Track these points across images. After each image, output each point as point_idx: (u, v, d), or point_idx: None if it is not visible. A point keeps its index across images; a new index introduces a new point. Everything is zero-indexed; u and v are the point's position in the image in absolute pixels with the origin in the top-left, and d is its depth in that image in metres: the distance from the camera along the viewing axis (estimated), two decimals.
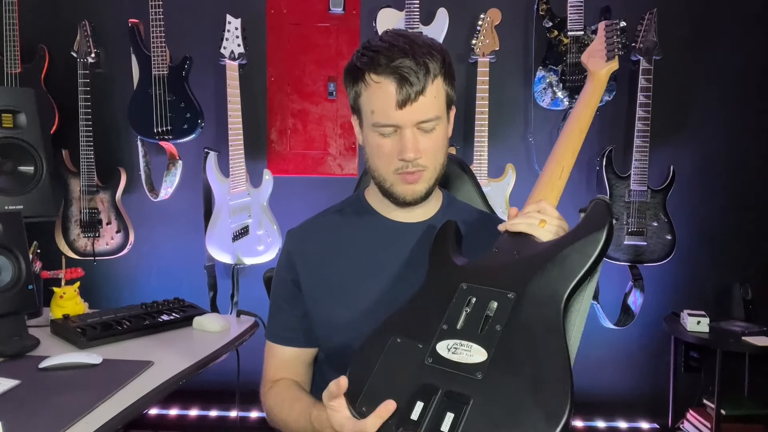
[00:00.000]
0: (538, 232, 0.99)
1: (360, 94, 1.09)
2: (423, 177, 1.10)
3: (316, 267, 1.16)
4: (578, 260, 0.91)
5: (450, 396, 0.83)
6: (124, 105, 2.61)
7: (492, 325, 0.88)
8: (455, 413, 0.81)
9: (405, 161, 1.06)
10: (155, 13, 2.50)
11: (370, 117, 1.07)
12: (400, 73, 1.02)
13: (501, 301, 0.91)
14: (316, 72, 2.73)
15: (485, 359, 0.85)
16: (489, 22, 2.51)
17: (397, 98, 1.03)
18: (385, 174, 1.10)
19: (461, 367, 0.86)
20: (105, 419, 1.08)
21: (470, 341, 0.88)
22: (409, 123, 1.05)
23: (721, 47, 2.64)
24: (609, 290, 2.63)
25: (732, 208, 2.69)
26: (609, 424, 2.71)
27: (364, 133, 1.12)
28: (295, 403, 1.09)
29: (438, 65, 1.06)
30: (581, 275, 0.90)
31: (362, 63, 1.07)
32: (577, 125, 1.15)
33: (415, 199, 1.12)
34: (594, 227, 0.94)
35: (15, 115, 1.72)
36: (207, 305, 2.62)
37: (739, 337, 2.34)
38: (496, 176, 2.57)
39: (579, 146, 1.13)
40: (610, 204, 1.07)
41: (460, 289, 0.95)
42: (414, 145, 1.05)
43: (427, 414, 0.82)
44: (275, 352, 1.20)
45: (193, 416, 2.78)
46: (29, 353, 1.44)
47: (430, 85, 1.05)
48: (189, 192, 2.69)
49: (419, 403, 0.84)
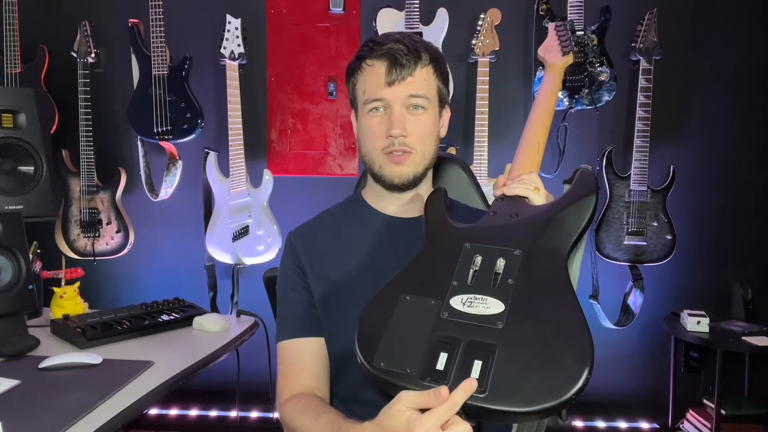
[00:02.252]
0: (533, 196, 1.07)
1: (356, 82, 1.15)
2: (410, 159, 1.13)
3: (319, 266, 1.16)
4: (575, 221, 1.00)
5: (474, 346, 0.84)
6: (124, 105, 2.61)
7: (504, 280, 0.92)
8: (483, 360, 0.82)
9: (392, 137, 1.10)
10: (155, 13, 2.50)
11: (362, 97, 1.13)
12: (391, 54, 1.09)
13: (508, 258, 0.94)
14: (316, 72, 2.73)
15: (503, 310, 0.88)
16: (489, 22, 2.51)
17: (387, 77, 1.09)
18: (374, 154, 1.14)
19: (480, 318, 0.88)
20: (105, 419, 1.08)
21: (485, 295, 0.90)
22: (398, 100, 1.10)
23: (721, 47, 2.64)
24: (609, 290, 2.63)
25: (732, 208, 2.69)
26: (609, 424, 2.71)
27: (358, 120, 1.17)
28: (322, 414, 1.02)
29: (429, 57, 1.12)
30: (579, 233, 0.98)
31: (360, 53, 1.14)
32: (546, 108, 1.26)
33: (402, 182, 1.14)
34: (585, 191, 1.03)
35: (15, 115, 1.72)
36: (207, 305, 2.61)
37: (739, 337, 2.34)
38: (496, 176, 2.57)
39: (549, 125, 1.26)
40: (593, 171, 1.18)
41: (465, 249, 0.98)
42: (401, 123, 1.10)
43: (453, 363, 0.83)
44: (292, 350, 1.15)
45: (193, 416, 2.78)
46: (29, 353, 1.44)
47: (420, 69, 1.11)
48: (189, 192, 2.69)
49: (443, 354, 0.84)
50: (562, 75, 1.38)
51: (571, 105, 2.51)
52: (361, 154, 1.17)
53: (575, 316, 0.85)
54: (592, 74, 2.48)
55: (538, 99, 1.30)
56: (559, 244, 0.96)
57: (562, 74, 1.37)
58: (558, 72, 1.36)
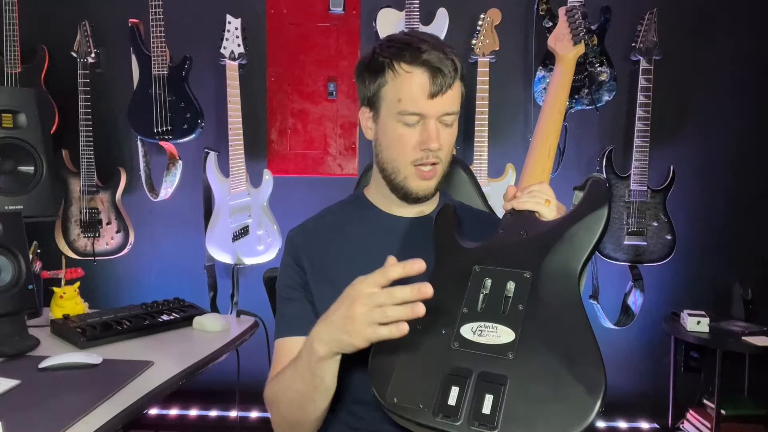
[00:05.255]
0: (544, 210, 1.03)
1: (384, 84, 1.09)
2: (437, 172, 1.12)
3: (319, 265, 1.16)
4: (586, 237, 0.95)
5: (485, 378, 0.83)
6: (124, 105, 2.61)
7: (514, 305, 0.90)
8: (494, 394, 0.81)
9: (429, 151, 1.08)
10: (155, 13, 2.50)
11: (396, 106, 1.08)
12: (434, 64, 1.06)
13: (518, 281, 0.92)
14: (316, 72, 2.73)
15: (514, 339, 0.86)
16: (489, 22, 2.51)
17: (430, 89, 1.06)
18: (402, 166, 1.11)
19: (490, 348, 0.86)
20: (105, 419, 1.08)
21: (495, 322, 0.88)
22: (435, 114, 1.08)
23: (720, 47, 2.64)
24: (609, 290, 2.63)
25: (732, 207, 2.68)
26: (609, 424, 2.71)
27: (381, 123, 1.12)
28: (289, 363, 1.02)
29: (461, 65, 1.10)
30: (590, 250, 0.94)
31: (389, 53, 1.08)
32: (556, 107, 1.20)
33: (426, 195, 1.14)
34: (596, 204, 0.98)
35: (15, 115, 1.73)
36: (207, 305, 2.61)
37: (739, 337, 2.34)
38: (496, 176, 2.57)
39: (560, 126, 1.20)
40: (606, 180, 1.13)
41: (474, 272, 0.96)
42: (437, 137, 1.08)
43: (464, 398, 0.82)
44: (286, 347, 1.12)
45: (193, 416, 2.78)
46: (29, 353, 1.44)
47: (457, 81, 1.09)
48: (189, 192, 2.69)
49: (454, 387, 0.84)
50: (573, 68, 1.29)
51: (571, 105, 2.50)
52: (382, 162, 1.14)
53: (586, 340, 0.84)
54: (592, 74, 2.49)
55: (547, 96, 1.24)
56: (571, 263, 0.93)
57: (573, 67, 1.29)
58: (569, 64, 1.28)
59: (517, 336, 0.86)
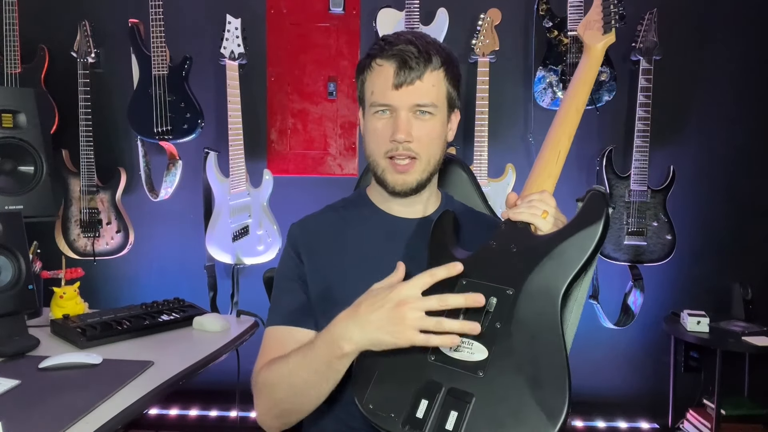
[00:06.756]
0: (540, 223, 0.98)
1: (365, 81, 1.13)
2: (415, 167, 1.11)
3: (318, 262, 1.16)
4: (575, 255, 0.91)
5: (453, 394, 0.84)
6: (124, 105, 2.61)
7: (492, 323, 0.89)
8: (458, 411, 0.82)
9: (396, 142, 1.08)
10: (155, 13, 2.50)
11: (370, 99, 1.11)
12: (401, 56, 1.07)
13: (500, 297, 0.91)
14: (316, 72, 2.73)
15: (486, 357, 0.86)
16: (489, 22, 2.51)
17: (394, 80, 1.07)
18: (378, 158, 1.12)
19: (463, 365, 0.87)
20: (105, 419, 1.08)
21: (472, 339, 0.88)
22: (404, 105, 1.08)
23: (721, 47, 2.64)
24: (609, 290, 2.63)
25: (732, 207, 2.69)
26: (609, 424, 2.71)
27: (365, 119, 1.15)
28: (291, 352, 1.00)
29: (440, 60, 1.09)
30: (578, 270, 0.90)
31: (370, 51, 1.11)
32: (573, 104, 1.13)
33: (404, 190, 1.13)
34: (590, 220, 0.92)
35: (15, 115, 1.72)
36: (207, 305, 2.62)
37: (739, 337, 2.34)
38: (496, 176, 2.57)
39: (575, 128, 1.12)
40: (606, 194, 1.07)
41: (461, 284, 0.95)
42: (405, 127, 1.08)
43: (431, 412, 0.84)
44: (277, 336, 1.11)
45: (193, 416, 2.78)
46: (29, 353, 1.44)
47: (429, 73, 1.08)
48: (189, 192, 2.69)
49: (424, 401, 0.85)
50: (600, 59, 1.16)
51: None
52: (367, 156, 1.16)
53: (556, 364, 0.82)
54: None
55: (568, 91, 1.14)
56: (555, 282, 0.89)
57: (600, 58, 1.16)
58: (595, 57, 1.16)
59: (490, 354, 0.86)
